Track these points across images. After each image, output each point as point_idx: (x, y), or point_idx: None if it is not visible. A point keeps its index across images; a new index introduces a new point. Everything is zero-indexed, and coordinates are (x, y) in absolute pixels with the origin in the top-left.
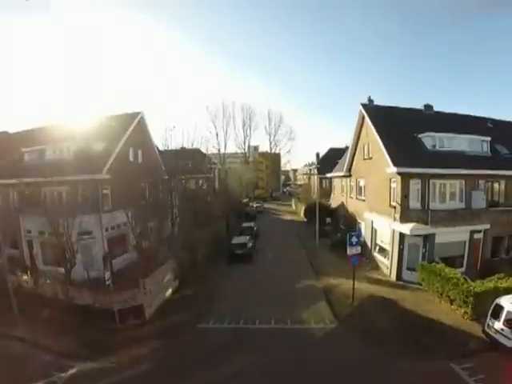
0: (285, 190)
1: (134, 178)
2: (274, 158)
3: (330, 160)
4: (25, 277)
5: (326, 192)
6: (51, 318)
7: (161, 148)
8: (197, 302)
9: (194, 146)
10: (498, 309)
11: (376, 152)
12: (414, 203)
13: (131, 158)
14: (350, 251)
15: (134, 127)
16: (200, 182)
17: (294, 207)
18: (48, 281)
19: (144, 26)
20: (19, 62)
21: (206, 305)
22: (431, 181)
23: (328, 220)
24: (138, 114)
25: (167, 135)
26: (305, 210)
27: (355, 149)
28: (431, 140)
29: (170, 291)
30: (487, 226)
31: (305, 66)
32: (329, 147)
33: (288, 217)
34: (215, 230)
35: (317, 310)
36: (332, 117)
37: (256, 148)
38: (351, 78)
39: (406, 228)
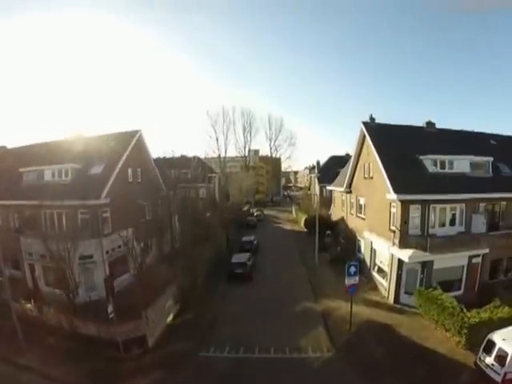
0: (285, 193)
1: (134, 198)
2: (275, 163)
3: (330, 168)
4: (28, 305)
5: (327, 201)
6: (56, 346)
7: (160, 156)
8: (198, 327)
9: (194, 153)
10: (490, 344)
11: (376, 173)
12: (414, 229)
13: (130, 178)
14: (348, 281)
15: (133, 146)
16: (200, 191)
17: (294, 215)
18: (51, 310)
19: (145, 41)
20: (15, 77)
21: (206, 330)
22: (431, 205)
23: (328, 232)
24: (137, 132)
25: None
26: (305, 221)
27: (356, 166)
28: (432, 162)
29: (171, 317)
30: (486, 251)
31: (306, 70)
32: (329, 155)
33: (288, 226)
34: (215, 245)
35: (315, 337)
36: (333, 119)
37: (256, 152)
38: (354, 81)
39: (405, 255)
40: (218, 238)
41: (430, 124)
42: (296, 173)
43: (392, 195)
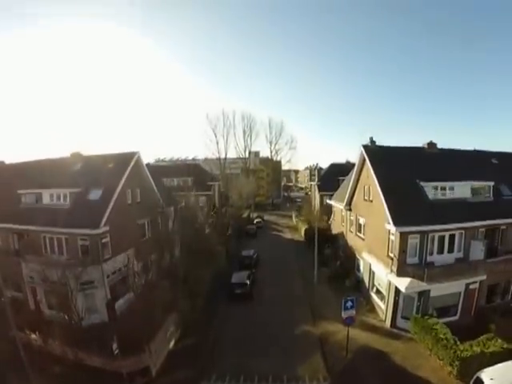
0: (285, 194)
1: (133, 219)
2: (275, 166)
3: (331, 176)
4: (33, 335)
5: (327, 209)
6: (62, 376)
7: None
8: (199, 353)
9: (195, 154)
10: (479, 382)
11: (376, 198)
12: (412, 257)
13: (129, 200)
14: (345, 315)
15: (131, 169)
16: (200, 200)
17: (294, 222)
18: (56, 342)
19: (141, 49)
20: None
21: (207, 357)
22: (430, 234)
23: (328, 244)
24: (135, 154)
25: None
26: (305, 232)
27: (356, 185)
28: (433, 189)
29: (172, 342)
30: (483, 278)
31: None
32: (330, 163)
33: (288, 234)
34: (215, 262)
35: (312, 364)
36: (333, 122)
37: (257, 154)
38: (357, 85)
39: (402, 284)
40: (218, 256)
41: (431, 144)
42: (297, 172)
43: (391, 227)
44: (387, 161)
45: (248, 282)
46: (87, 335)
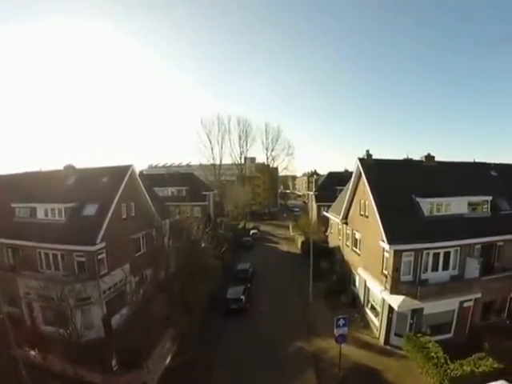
0: (282, 202)
1: (128, 233)
2: (272, 173)
3: (328, 186)
4: (32, 352)
5: (325, 220)
6: None
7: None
8: (195, 370)
9: (189, 159)
10: None
11: (371, 214)
12: (406, 275)
13: (124, 215)
14: (337, 332)
15: (126, 183)
16: (195, 209)
17: (291, 233)
18: (55, 359)
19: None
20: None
21: (204, 372)
22: (425, 251)
23: (324, 257)
24: (129, 167)
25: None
26: (302, 245)
27: (352, 198)
28: (429, 205)
29: (169, 358)
30: (478, 296)
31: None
32: (328, 171)
33: (285, 247)
34: (211, 275)
35: (305, 381)
36: (333, 127)
37: (253, 160)
38: (359, 88)
39: (395, 302)
40: (213, 270)
41: (429, 157)
42: (294, 178)
43: (385, 244)
44: (383, 176)
45: (243, 298)
46: (85, 351)
